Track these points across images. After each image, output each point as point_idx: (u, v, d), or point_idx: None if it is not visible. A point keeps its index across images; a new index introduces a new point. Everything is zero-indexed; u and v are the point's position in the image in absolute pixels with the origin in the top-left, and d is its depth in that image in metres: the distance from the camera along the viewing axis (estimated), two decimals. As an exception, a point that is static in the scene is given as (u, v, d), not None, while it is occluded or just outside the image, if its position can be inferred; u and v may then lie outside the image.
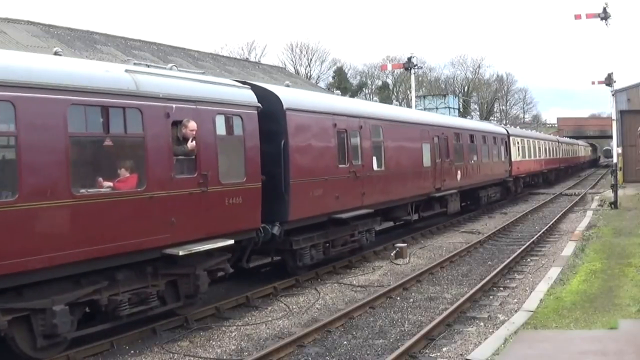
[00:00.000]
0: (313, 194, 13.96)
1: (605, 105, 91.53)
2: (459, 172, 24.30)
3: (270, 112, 12.89)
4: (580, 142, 79.28)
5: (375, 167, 17.21)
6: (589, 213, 26.16)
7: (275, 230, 12.76)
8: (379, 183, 17.31)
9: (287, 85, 16.24)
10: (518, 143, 36.44)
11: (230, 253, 11.90)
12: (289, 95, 14.26)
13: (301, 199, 13.51)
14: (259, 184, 12.19)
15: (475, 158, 27.38)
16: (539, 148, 43.84)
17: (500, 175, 31.82)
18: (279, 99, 13.47)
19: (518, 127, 53.60)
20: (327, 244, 15.12)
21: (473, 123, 33.87)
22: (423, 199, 21.12)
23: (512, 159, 34.13)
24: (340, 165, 15.19)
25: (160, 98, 10.03)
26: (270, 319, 11.58)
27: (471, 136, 27.35)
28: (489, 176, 29.42)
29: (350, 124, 15.97)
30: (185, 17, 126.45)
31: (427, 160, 21.21)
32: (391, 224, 22.58)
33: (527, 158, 38.92)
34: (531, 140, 41.39)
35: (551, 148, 49.87)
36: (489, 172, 29.37)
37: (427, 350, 9.53)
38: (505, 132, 34.62)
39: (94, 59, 19.95)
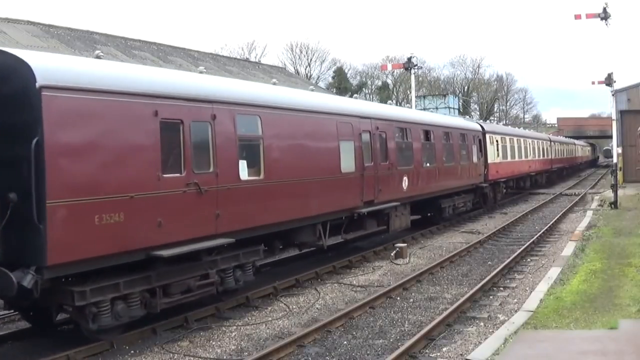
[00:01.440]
0: (104, 220, 9.13)
1: (605, 105, 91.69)
2: (405, 178, 19.14)
3: (10, 91, 8.79)
4: (577, 141, 76.16)
5: (243, 175, 11.94)
6: (589, 213, 26.17)
7: (27, 280, 8.39)
8: (251, 199, 12.04)
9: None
10: (497, 142, 31.59)
11: None
12: (51, 64, 9.25)
13: (75, 230, 8.80)
14: None
15: (433, 160, 22.09)
16: (526, 148, 39.46)
17: (473, 180, 26.94)
18: (28, 67, 8.62)
19: (501, 123, 50.97)
20: (152, 293, 10.28)
21: (430, 116, 28.52)
22: (345, 216, 16.06)
23: (489, 161, 29.32)
24: (166, 175, 10.21)
25: None
26: (270, 319, 11.58)
27: (426, 132, 21.87)
28: (455, 182, 24.39)
29: (192, 112, 10.90)
30: (185, 17, 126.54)
31: (348, 165, 15.79)
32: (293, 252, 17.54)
33: (509, 159, 34.18)
34: (515, 139, 36.53)
35: (542, 148, 45.39)
36: (454, 177, 24.35)
37: (427, 350, 9.53)
38: (480, 129, 29.26)
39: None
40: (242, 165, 12.00)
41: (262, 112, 12.66)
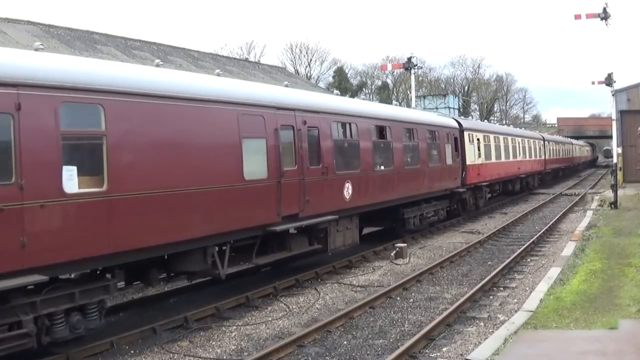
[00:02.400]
0: None
1: (605, 105, 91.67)
2: (348, 185, 15.56)
3: None
4: (575, 140, 73.34)
5: (69, 187, 8.69)
6: (589, 213, 26.16)
7: None
8: (83, 219, 8.81)
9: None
10: (479, 140, 28.11)
11: None
12: None
13: None
14: None
15: (390, 163, 18.38)
16: (515, 147, 35.93)
17: (447, 185, 23.44)
18: None
19: (484, 120, 48.48)
20: None
21: (387, 109, 22.78)
22: (257, 235, 12.66)
23: (468, 162, 25.76)
24: None
25: None
26: (270, 319, 11.58)
27: (380, 129, 18.06)
28: (422, 188, 20.90)
29: None
30: (185, 17, 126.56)
31: (256, 170, 12.26)
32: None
33: (493, 160, 30.54)
34: (501, 137, 33.01)
35: (533, 147, 41.71)
36: (421, 183, 20.74)
37: (427, 350, 9.53)
38: (456, 125, 25.59)
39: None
40: (68, 173, 8.71)
41: (107, 99, 9.25)
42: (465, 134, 26.23)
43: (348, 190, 15.67)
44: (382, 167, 18.00)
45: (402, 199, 19.38)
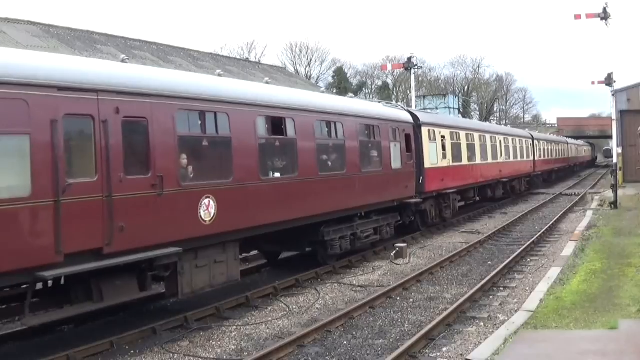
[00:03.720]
0: None
1: (605, 105, 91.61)
2: (208, 201, 11.08)
3: None
4: (571, 140, 69.33)
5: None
6: (589, 213, 26.16)
7: None
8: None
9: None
10: (443, 138, 23.49)
11: None
12: None
13: None
14: None
15: (292, 168, 13.87)
16: (495, 147, 31.23)
17: (394, 194, 18.68)
18: None
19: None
20: None
21: (290, 93, 15.88)
22: (22, 283, 8.95)
23: (427, 165, 21.41)
24: None
25: None
26: (270, 319, 11.58)
27: (275, 121, 13.39)
28: (352, 200, 16.07)
29: None
30: (185, 17, 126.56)
31: (10, 184, 8.24)
32: None
33: (464, 162, 25.87)
34: (476, 135, 27.98)
35: (519, 147, 37.41)
36: (349, 193, 15.88)
37: (427, 350, 9.53)
38: (409, 119, 20.61)
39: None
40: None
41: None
42: (424, 130, 21.58)
43: (209, 208, 11.11)
44: (279, 174, 13.40)
45: (319, 215, 14.62)
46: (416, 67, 40.64)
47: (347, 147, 16.06)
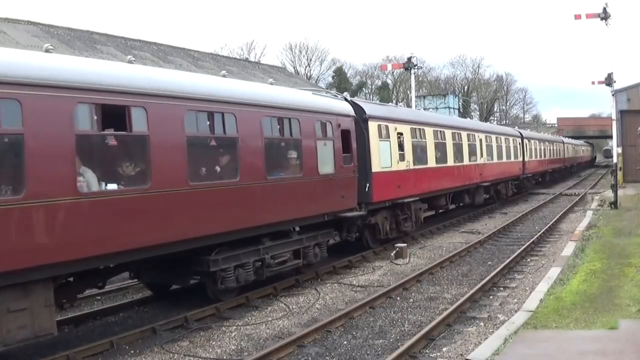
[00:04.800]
0: None
1: (605, 105, 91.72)
2: None
3: None
4: (566, 139, 65.51)
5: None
6: (589, 213, 26.14)
7: None
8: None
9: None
10: (400, 136, 19.31)
11: None
12: None
13: None
14: None
15: (147, 175, 9.98)
16: (473, 146, 27.21)
17: (326, 206, 14.94)
18: None
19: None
20: None
21: (138, 71, 10.69)
22: None
23: (375, 169, 17.38)
24: None
25: None
26: (270, 319, 11.58)
27: (112, 111, 9.48)
28: (258, 216, 12.48)
29: None
30: (185, 17, 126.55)
31: None
32: None
33: (431, 164, 21.76)
34: (447, 132, 23.91)
35: (505, 146, 33.54)
36: (251, 206, 12.29)
37: (427, 350, 9.53)
38: (349, 111, 16.44)
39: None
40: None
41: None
42: (372, 125, 17.48)
43: None
44: (117, 186, 9.62)
45: (196, 239, 10.89)
46: (416, 67, 40.60)
47: (243, 146, 11.88)
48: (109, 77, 9.56)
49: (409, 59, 38.79)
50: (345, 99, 17.33)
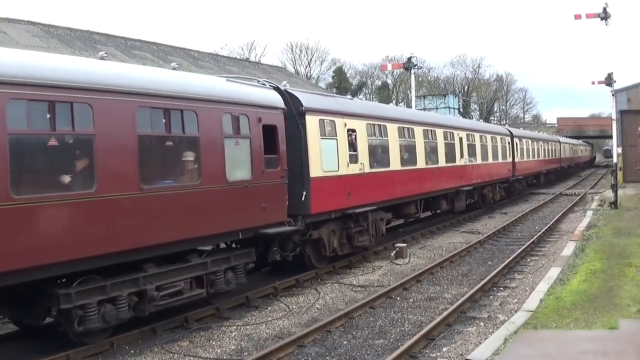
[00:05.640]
0: None
1: (605, 105, 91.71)
2: None
3: None
4: (565, 138, 63.10)
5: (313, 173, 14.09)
6: (589, 213, 26.14)
7: None
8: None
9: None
10: (352, 133, 16.12)
11: None
12: None
13: None
14: None
15: None
16: (449, 146, 23.85)
17: (242, 222, 12.07)
18: None
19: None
20: None
21: None
22: None
23: (313, 173, 14.27)
24: None
25: None
26: (270, 319, 11.58)
27: None
28: (138, 235, 9.83)
29: None
30: (185, 17, 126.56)
31: None
32: None
33: (392, 167, 18.42)
34: (416, 129, 20.52)
35: (492, 146, 30.24)
36: (115, 226, 9.43)
37: (427, 350, 9.53)
38: (273, 101, 13.41)
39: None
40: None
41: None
42: (312, 119, 14.38)
43: None
44: None
45: (44, 267, 8.56)
46: (416, 67, 40.63)
47: (103, 146, 9.23)
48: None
49: (409, 59, 38.81)
50: (276, 88, 14.13)
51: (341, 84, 77.63)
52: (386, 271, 15.85)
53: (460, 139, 25.29)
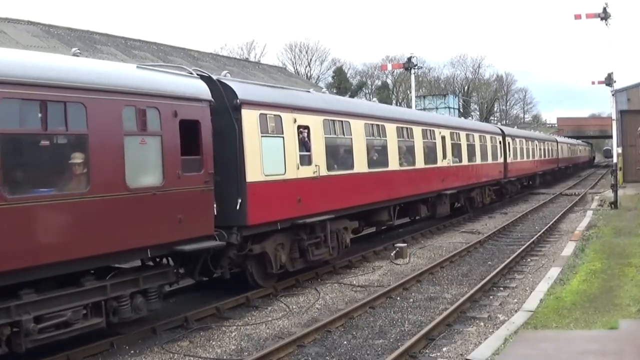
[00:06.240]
0: None
1: (605, 105, 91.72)
2: None
3: None
4: (562, 138, 60.49)
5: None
6: (589, 213, 26.14)
7: None
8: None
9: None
10: (302, 131, 14.11)
11: None
12: None
13: None
14: None
15: None
16: (429, 145, 21.77)
17: (150, 237, 9.99)
18: None
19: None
20: None
21: None
22: None
23: (250, 177, 12.27)
24: None
25: None
26: (270, 319, 11.58)
27: None
28: None
29: None
30: (185, 17, 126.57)
31: None
32: None
33: (356, 169, 16.30)
34: (389, 126, 18.50)
35: (479, 145, 27.88)
36: None
37: (427, 350, 9.53)
38: (198, 94, 11.16)
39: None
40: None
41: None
42: (249, 114, 12.32)
43: None
44: None
45: None
46: (416, 67, 40.65)
47: None
48: None
49: (409, 59, 38.84)
50: (205, 77, 12.02)
51: (341, 84, 77.64)
52: (386, 271, 15.85)
53: (443, 137, 23.21)
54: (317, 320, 11.23)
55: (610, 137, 41.17)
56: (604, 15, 30.79)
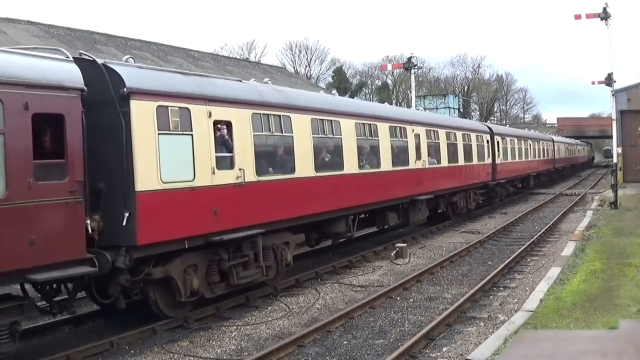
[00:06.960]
0: None
1: (605, 105, 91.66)
2: None
3: None
4: (559, 137, 58.21)
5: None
6: (589, 213, 26.13)
7: None
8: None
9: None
10: (223, 128, 11.56)
11: None
12: None
13: None
14: None
15: None
16: (400, 145, 19.39)
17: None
18: None
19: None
20: None
21: None
22: None
23: (141, 186, 9.75)
24: None
25: None
26: (270, 319, 11.58)
27: None
28: None
29: None
30: (185, 17, 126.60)
31: None
32: None
33: (296, 174, 13.72)
34: (352, 123, 16.37)
35: (462, 145, 25.36)
36: None
37: (427, 350, 9.53)
38: (65, 81, 8.75)
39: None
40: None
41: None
42: (141, 106, 9.90)
43: None
44: None
45: None
46: (416, 67, 40.65)
47: None
48: None
49: (409, 59, 38.83)
50: (78, 58, 9.75)
51: (341, 84, 77.66)
52: (386, 271, 15.85)
53: (417, 135, 20.48)
54: (317, 320, 11.23)
55: (610, 137, 41.11)
56: (604, 15, 30.78)
